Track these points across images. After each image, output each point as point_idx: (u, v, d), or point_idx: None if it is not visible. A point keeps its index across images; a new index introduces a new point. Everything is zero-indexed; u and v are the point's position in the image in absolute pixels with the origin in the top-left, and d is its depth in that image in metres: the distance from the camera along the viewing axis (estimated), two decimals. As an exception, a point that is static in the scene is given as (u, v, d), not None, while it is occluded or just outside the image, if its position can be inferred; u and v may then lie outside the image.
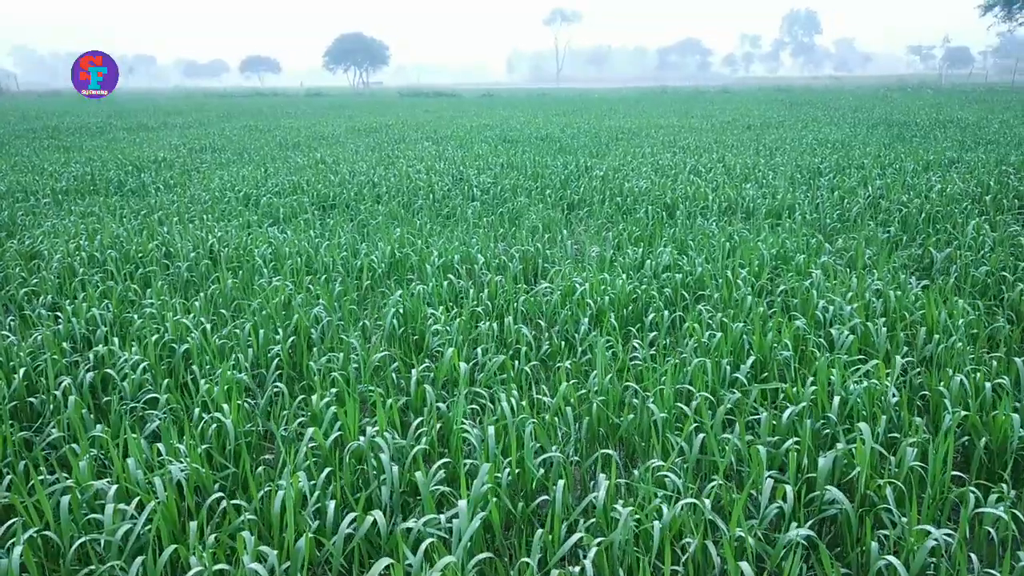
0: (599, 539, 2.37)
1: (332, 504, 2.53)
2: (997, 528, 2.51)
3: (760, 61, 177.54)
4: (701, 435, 2.87)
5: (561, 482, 2.58)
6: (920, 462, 2.79)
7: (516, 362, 3.86)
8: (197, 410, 3.19)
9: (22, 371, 3.55)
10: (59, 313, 4.59)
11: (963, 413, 3.04)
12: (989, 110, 23.27)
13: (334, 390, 3.44)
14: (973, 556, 2.39)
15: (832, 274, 5.23)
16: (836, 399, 3.12)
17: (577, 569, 2.28)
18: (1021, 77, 52.89)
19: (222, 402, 3.25)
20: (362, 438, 2.92)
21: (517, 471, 2.80)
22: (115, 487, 2.54)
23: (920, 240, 6.36)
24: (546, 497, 2.74)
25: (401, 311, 4.45)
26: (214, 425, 3.08)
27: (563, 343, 4.22)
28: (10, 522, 2.46)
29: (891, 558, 2.25)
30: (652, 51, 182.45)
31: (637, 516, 2.46)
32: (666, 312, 4.42)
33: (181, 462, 2.77)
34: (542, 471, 2.84)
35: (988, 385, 3.20)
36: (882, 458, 2.96)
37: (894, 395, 3.26)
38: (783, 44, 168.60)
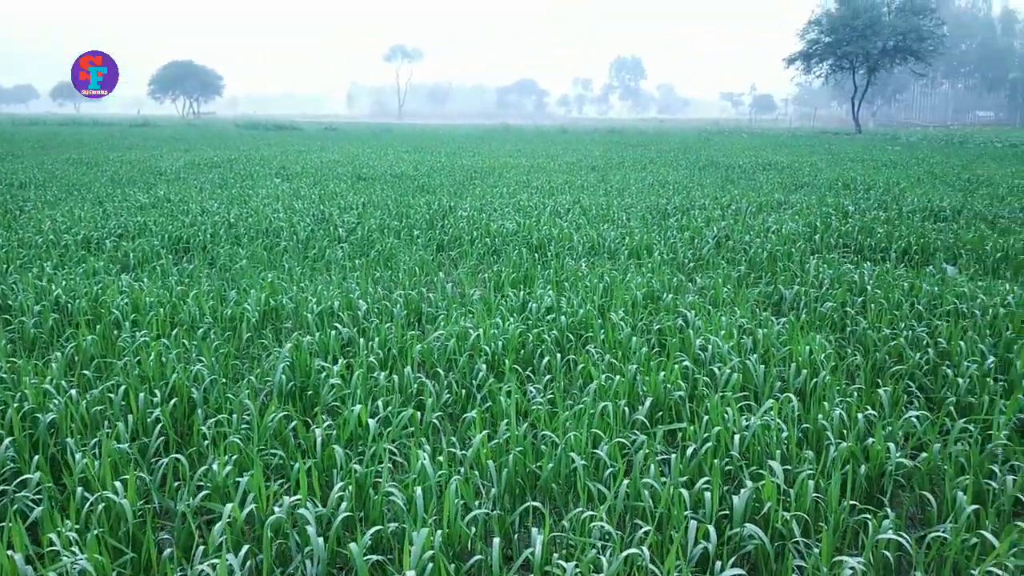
0: (545, 597, 2.38)
1: (259, 586, 2.36)
2: (889, 548, 2.76)
3: (591, 103, 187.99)
4: (625, 481, 2.95)
5: (496, 540, 2.57)
6: (814, 493, 3.03)
7: (421, 414, 3.80)
8: (80, 489, 2.87)
9: None
10: None
11: (844, 444, 3.34)
12: (798, 154, 25.90)
13: (232, 456, 3.22)
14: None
15: (703, 313, 5.58)
16: (737, 437, 3.33)
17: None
18: (819, 123, 59.79)
19: (109, 478, 2.95)
20: (277, 508, 2.76)
21: (447, 531, 2.75)
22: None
23: (768, 278, 6.94)
24: (479, 557, 2.70)
25: (289, 364, 4.25)
26: (102, 505, 2.79)
27: (463, 391, 4.20)
28: None
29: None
30: (491, 89, 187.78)
31: (579, 571, 2.48)
32: (559, 355, 4.52)
33: (72, 553, 2.48)
34: (473, 529, 2.81)
35: (861, 416, 3.55)
36: (779, 490, 3.18)
37: (782, 430, 3.52)
38: (612, 88, 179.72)
